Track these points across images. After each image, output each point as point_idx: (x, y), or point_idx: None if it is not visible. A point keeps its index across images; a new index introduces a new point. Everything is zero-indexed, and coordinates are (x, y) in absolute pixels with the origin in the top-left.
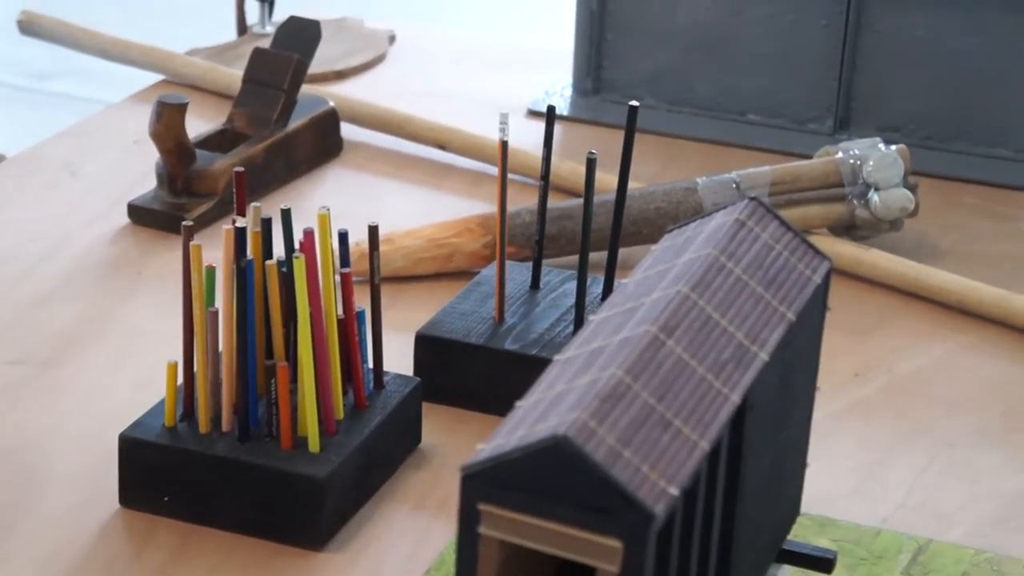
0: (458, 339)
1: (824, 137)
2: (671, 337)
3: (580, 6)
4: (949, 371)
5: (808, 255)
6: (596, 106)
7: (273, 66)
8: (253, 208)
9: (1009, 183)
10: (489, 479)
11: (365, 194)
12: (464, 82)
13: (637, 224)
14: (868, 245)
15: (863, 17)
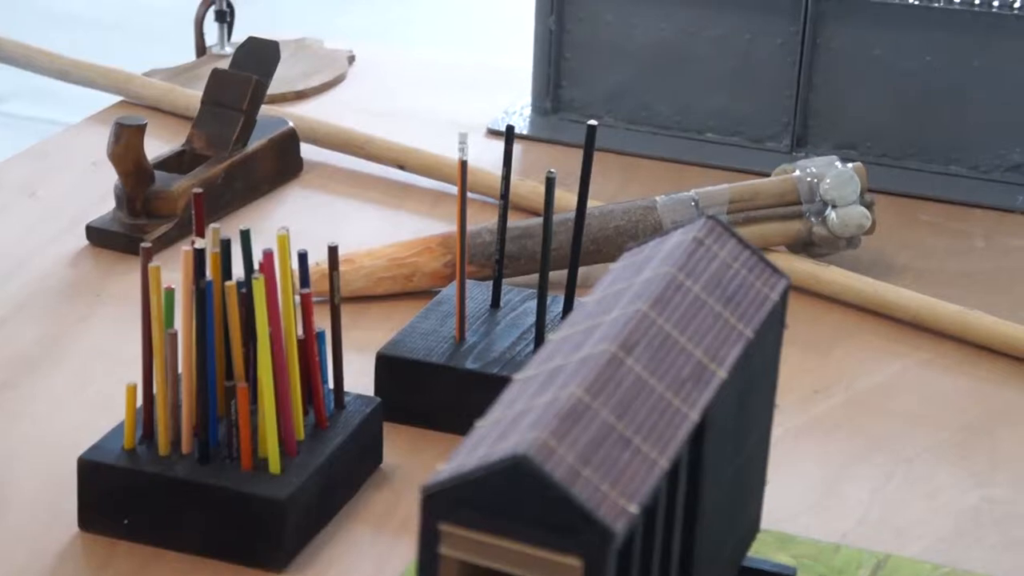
0: (419, 359)
1: (781, 155)
2: (630, 355)
3: (538, 26)
4: (907, 387)
5: (766, 273)
6: (555, 125)
7: (232, 87)
8: (212, 229)
9: (964, 200)
10: (450, 499)
11: (325, 214)
12: (424, 102)
13: (597, 242)
14: (826, 262)
15: (819, 36)
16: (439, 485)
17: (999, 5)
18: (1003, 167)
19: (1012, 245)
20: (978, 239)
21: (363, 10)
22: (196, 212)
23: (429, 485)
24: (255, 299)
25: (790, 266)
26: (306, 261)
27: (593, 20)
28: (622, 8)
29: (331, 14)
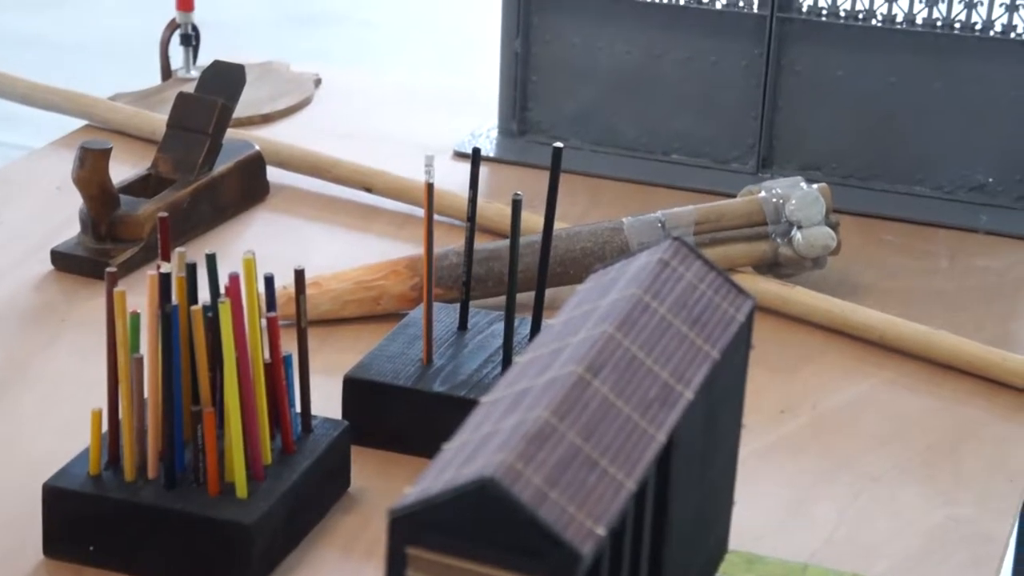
0: (386, 381)
1: (747, 176)
2: (597, 377)
3: (504, 48)
4: (873, 406)
5: (732, 294)
6: (522, 147)
7: (198, 110)
8: (178, 253)
9: (928, 220)
10: (417, 522)
11: (292, 237)
12: (390, 125)
13: (564, 264)
14: (792, 283)
15: (783, 58)
16: (406, 509)
17: (960, 27)
18: (966, 187)
19: (976, 265)
20: (942, 259)
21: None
22: (161, 236)
23: (396, 509)
24: (221, 323)
25: (756, 287)
26: (272, 285)
27: (559, 43)
28: (588, 31)
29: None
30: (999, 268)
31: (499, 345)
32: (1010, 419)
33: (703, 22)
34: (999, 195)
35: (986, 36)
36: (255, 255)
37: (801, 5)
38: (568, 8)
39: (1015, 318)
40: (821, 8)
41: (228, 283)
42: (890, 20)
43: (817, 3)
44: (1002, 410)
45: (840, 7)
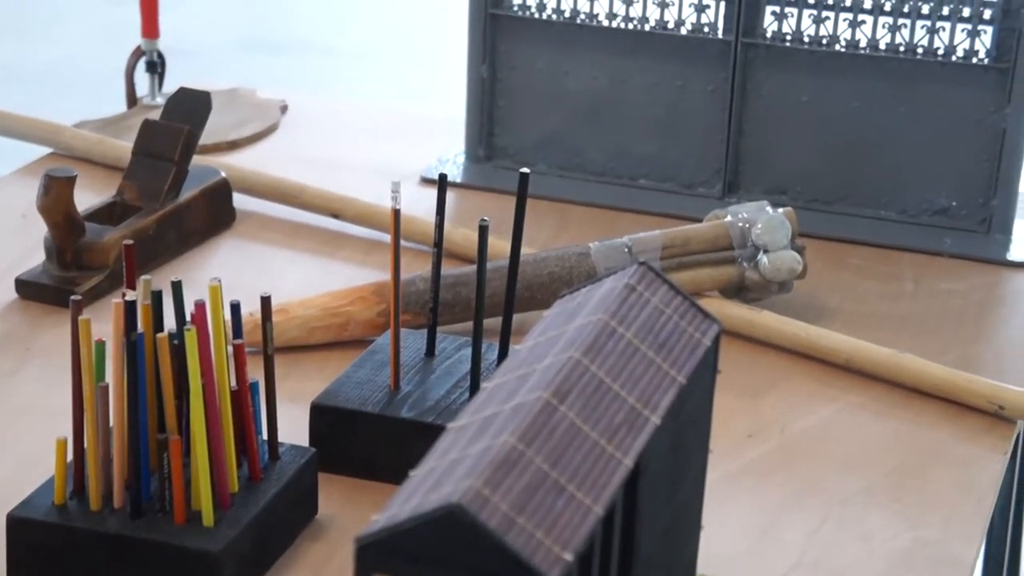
0: (354, 408)
1: (713, 200)
2: (563, 403)
3: (471, 74)
4: (840, 430)
5: (698, 318)
6: (489, 173)
7: (163, 137)
8: (143, 281)
9: (893, 244)
10: (384, 549)
11: (259, 264)
12: (358, 151)
13: (531, 289)
14: (759, 307)
15: (748, 83)
16: (373, 536)
17: (923, 52)
18: (930, 211)
19: (941, 288)
20: (908, 282)
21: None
22: (127, 264)
23: (363, 536)
24: (187, 351)
25: (723, 311)
26: (239, 312)
27: (525, 68)
28: (554, 56)
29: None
30: (963, 291)
31: (467, 370)
32: (976, 442)
33: (669, 48)
34: (963, 219)
35: (948, 61)
36: (221, 282)
37: (766, 31)
38: (534, 34)
39: (980, 341)
40: (785, 34)
41: (194, 310)
42: (854, 45)
43: (781, 29)
44: (968, 433)
45: (804, 33)
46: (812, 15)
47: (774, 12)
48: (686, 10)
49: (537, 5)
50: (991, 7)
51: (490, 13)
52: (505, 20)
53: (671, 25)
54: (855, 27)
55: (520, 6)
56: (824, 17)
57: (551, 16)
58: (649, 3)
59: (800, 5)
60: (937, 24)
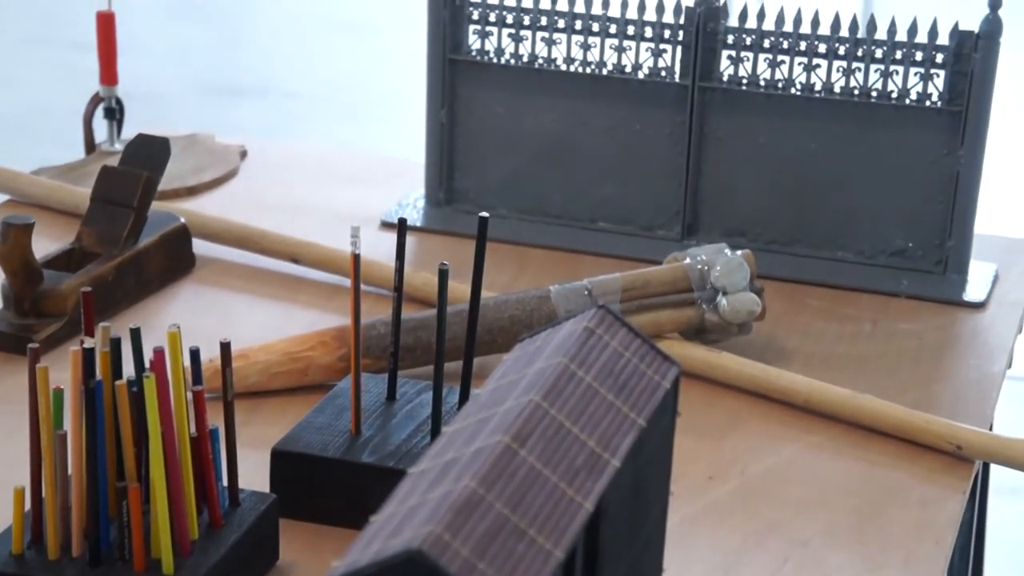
0: (314, 453)
1: (673, 243)
2: (524, 446)
3: (430, 118)
4: (800, 470)
5: (657, 361)
6: (449, 216)
7: (122, 184)
8: (102, 328)
9: (851, 285)
10: None
11: (219, 309)
12: (318, 195)
13: (492, 333)
14: (719, 348)
15: (706, 125)
16: None
17: (877, 96)
18: (887, 252)
19: (898, 328)
20: (866, 323)
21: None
22: (85, 311)
23: None
24: (146, 398)
25: (684, 352)
26: (198, 358)
27: (484, 112)
28: (513, 100)
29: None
30: (920, 331)
31: (428, 414)
32: (934, 481)
33: (626, 91)
34: (919, 260)
35: (902, 104)
36: (180, 328)
37: (722, 75)
38: (493, 78)
39: (937, 381)
40: (742, 77)
41: (153, 357)
42: (809, 89)
43: (738, 72)
44: (927, 472)
45: (760, 76)
46: (768, 59)
47: (730, 56)
48: (643, 54)
49: (495, 50)
50: (943, 51)
51: (449, 58)
52: (464, 65)
53: (629, 69)
54: (810, 71)
55: (478, 51)
56: (779, 61)
57: (509, 61)
58: (607, 47)
59: (756, 49)
60: (891, 68)
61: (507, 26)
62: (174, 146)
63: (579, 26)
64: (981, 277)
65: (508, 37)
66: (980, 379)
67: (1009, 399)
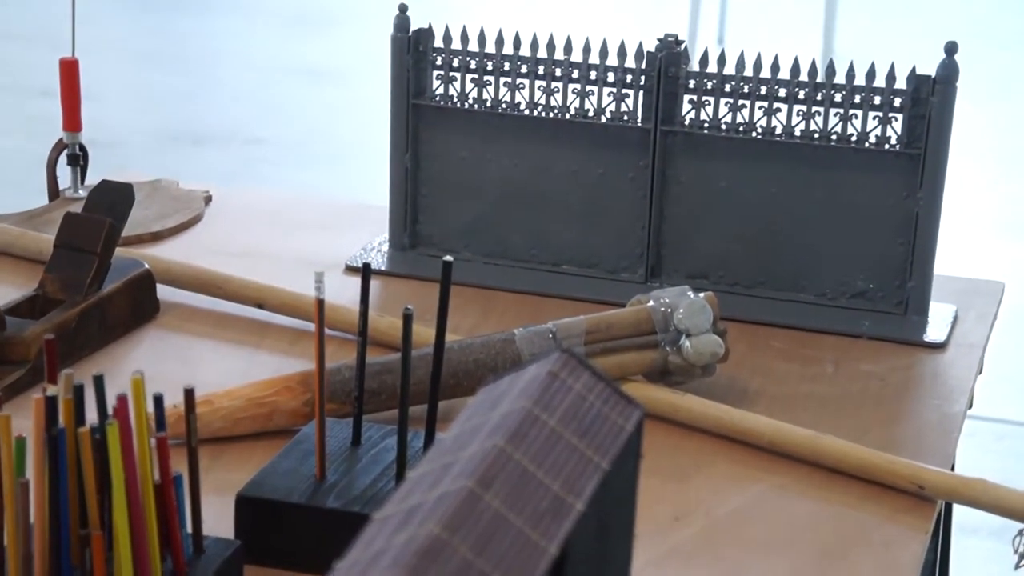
0: (279, 499)
1: (636, 285)
2: (488, 491)
3: (394, 163)
4: (764, 512)
5: (620, 404)
6: (413, 260)
7: (86, 230)
8: (64, 375)
9: (813, 327)
10: None
11: (183, 355)
12: (282, 241)
13: (457, 376)
14: (683, 390)
15: (668, 169)
16: None
17: (837, 139)
18: (848, 293)
19: (860, 370)
20: (828, 364)
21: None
22: (48, 358)
23: None
24: (109, 445)
25: (647, 395)
26: (162, 404)
27: (448, 157)
28: (476, 145)
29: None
30: (882, 372)
31: (393, 459)
32: (898, 521)
33: (589, 135)
34: (880, 301)
35: (862, 147)
36: (144, 375)
37: (684, 119)
38: (456, 123)
39: (899, 422)
40: (703, 121)
41: (116, 404)
42: (769, 132)
43: (699, 116)
44: (890, 512)
45: (721, 120)
46: (729, 103)
47: (692, 100)
48: (606, 99)
49: (459, 95)
50: (901, 96)
51: (412, 103)
52: (427, 110)
53: (591, 114)
54: (771, 115)
55: (442, 96)
56: (740, 105)
57: (473, 106)
58: (569, 92)
59: (717, 94)
60: (850, 112)
61: (470, 71)
62: (138, 192)
63: (542, 71)
64: (941, 318)
65: (471, 82)
66: (941, 419)
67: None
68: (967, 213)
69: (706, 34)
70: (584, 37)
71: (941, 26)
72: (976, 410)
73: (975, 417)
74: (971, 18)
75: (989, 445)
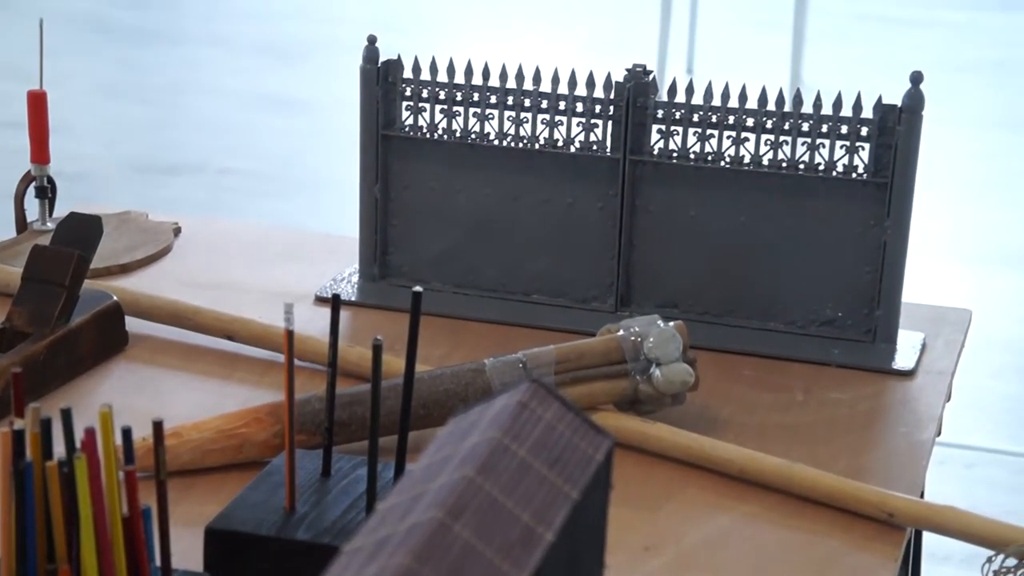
0: (249, 531)
1: (606, 315)
2: (458, 522)
3: (364, 194)
4: (735, 540)
5: (590, 434)
6: (383, 291)
7: (54, 263)
8: (31, 409)
9: (782, 355)
10: None
11: (152, 388)
12: (253, 272)
13: (427, 407)
14: (653, 419)
15: (637, 199)
16: None
17: (804, 168)
18: (817, 321)
19: (830, 398)
20: (798, 392)
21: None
22: (15, 392)
23: None
24: (77, 479)
25: (618, 424)
26: (130, 437)
27: (418, 187)
28: (446, 175)
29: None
30: (851, 400)
31: (363, 490)
32: (867, 548)
33: (558, 165)
34: (848, 329)
35: (829, 176)
36: (112, 408)
37: (652, 148)
38: (426, 154)
39: (868, 449)
40: (672, 151)
41: (84, 437)
42: (738, 162)
43: (668, 146)
44: (860, 540)
45: (690, 150)
46: (697, 133)
47: (660, 130)
48: (575, 129)
49: (428, 126)
50: (867, 125)
51: (382, 134)
52: (397, 140)
53: (560, 143)
54: (739, 144)
55: (411, 126)
56: (709, 135)
57: (442, 136)
58: (538, 122)
59: (685, 123)
60: (817, 141)
61: (440, 102)
62: (107, 224)
63: (511, 101)
64: (909, 346)
65: (441, 113)
66: (910, 447)
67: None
68: (934, 241)
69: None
70: (553, 67)
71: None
72: (945, 437)
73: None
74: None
75: (958, 472)
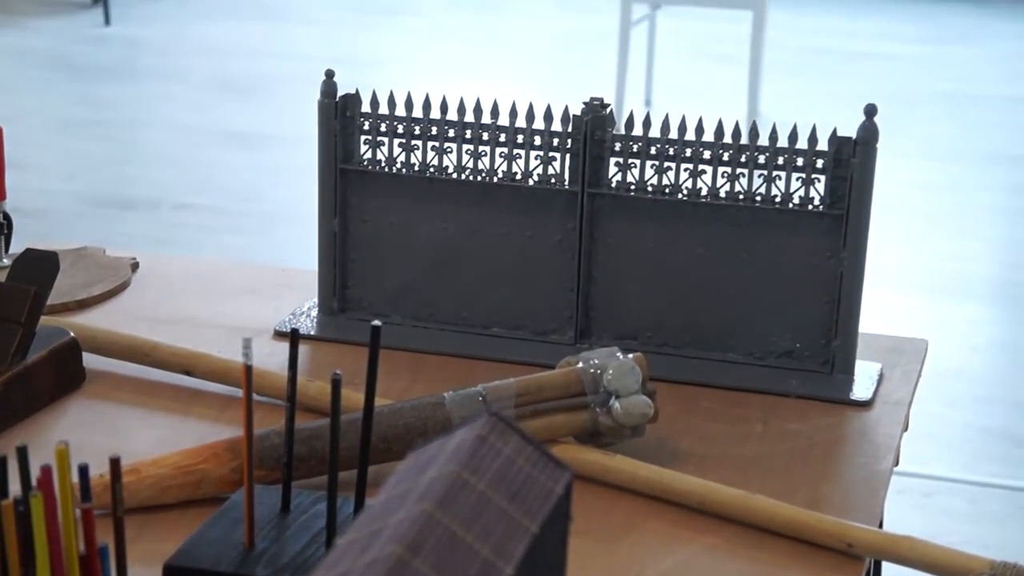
0: (208, 568)
1: (566, 347)
2: (417, 556)
3: (322, 228)
4: (695, 573)
5: (549, 467)
6: (343, 325)
7: (9, 299)
8: None
9: (741, 386)
10: None
11: (110, 424)
12: (211, 307)
13: (387, 441)
14: (613, 451)
15: (595, 231)
16: None
17: (761, 200)
18: (775, 353)
19: (788, 429)
20: (756, 423)
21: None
22: None
23: None
24: (33, 517)
25: (578, 456)
26: (87, 474)
27: (377, 221)
28: (405, 209)
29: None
30: (809, 431)
31: (323, 525)
32: None
33: (517, 198)
34: (806, 360)
35: (786, 208)
36: (69, 444)
37: (611, 181)
38: (385, 187)
39: (826, 480)
40: (630, 183)
41: (40, 475)
42: (695, 194)
43: (626, 179)
44: (819, 570)
45: (647, 182)
46: (654, 165)
47: (618, 163)
48: (533, 162)
49: (387, 159)
50: (823, 157)
51: (340, 168)
52: (355, 174)
53: (519, 177)
54: (696, 176)
55: (370, 160)
56: (666, 168)
57: (401, 170)
58: (497, 156)
59: (643, 156)
60: (774, 173)
61: (398, 136)
62: (64, 260)
63: (469, 135)
64: (867, 376)
65: (399, 147)
66: (868, 477)
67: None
68: (890, 272)
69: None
70: (511, 101)
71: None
72: (903, 467)
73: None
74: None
75: (917, 501)
